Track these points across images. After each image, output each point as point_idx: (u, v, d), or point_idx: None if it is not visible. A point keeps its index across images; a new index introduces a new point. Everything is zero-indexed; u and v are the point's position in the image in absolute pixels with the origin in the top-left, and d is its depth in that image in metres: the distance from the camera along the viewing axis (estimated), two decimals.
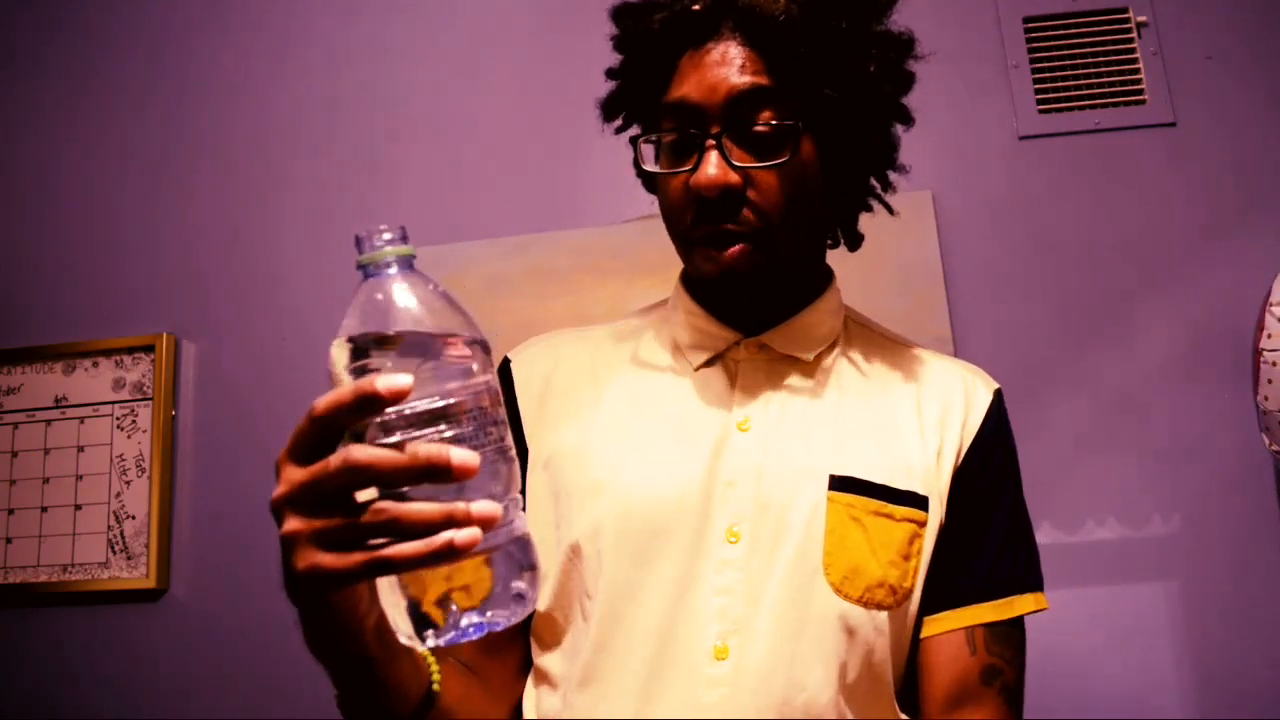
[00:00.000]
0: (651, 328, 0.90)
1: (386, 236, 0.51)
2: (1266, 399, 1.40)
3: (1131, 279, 1.60)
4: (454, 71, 1.81)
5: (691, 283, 0.87)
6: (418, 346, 0.50)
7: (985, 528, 0.81)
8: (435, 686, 0.69)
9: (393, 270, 0.51)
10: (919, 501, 0.78)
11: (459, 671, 0.76)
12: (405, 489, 0.49)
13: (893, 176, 0.88)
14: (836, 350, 0.86)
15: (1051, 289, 1.61)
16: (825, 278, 0.89)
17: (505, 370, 0.89)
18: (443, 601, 0.50)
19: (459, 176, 1.77)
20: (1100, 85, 1.67)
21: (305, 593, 0.54)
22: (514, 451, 0.53)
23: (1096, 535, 1.53)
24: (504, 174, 1.75)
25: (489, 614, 0.50)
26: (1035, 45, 1.69)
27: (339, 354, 0.51)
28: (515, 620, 0.51)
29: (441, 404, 0.49)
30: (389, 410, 0.48)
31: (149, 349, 1.75)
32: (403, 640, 0.52)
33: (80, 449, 1.74)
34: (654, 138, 0.80)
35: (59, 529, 1.72)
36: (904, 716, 0.78)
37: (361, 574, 0.49)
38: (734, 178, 0.74)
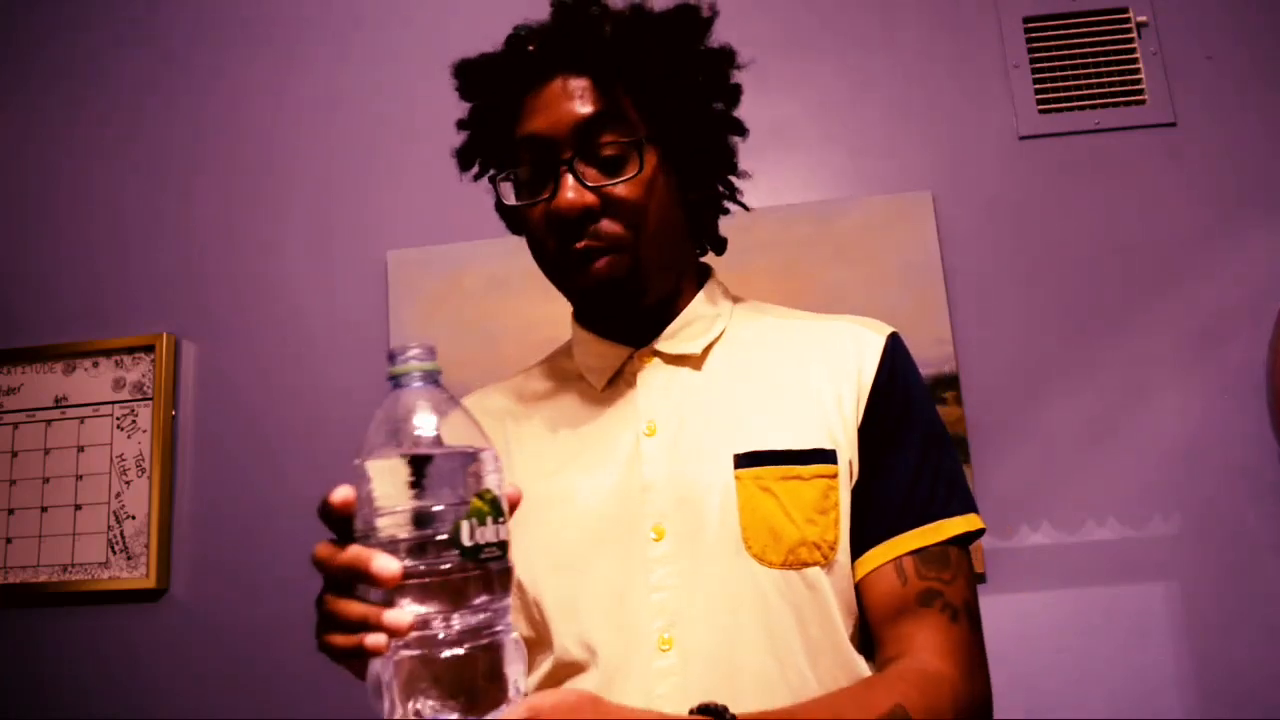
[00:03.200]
0: (558, 366, 0.96)
1: (414, 354, 0.58)
2: None
3: (1131, 279, 1.60)
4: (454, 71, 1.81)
5: (582, 314, 0.93)
6: (432, 471, 0.55)
7: (895, 464, 0.82)
8: None
9: (417, 384, 0.58)
10: (826, 456, 0.80)
11: None
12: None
13: (752, 182, 0.94)
14: (725, 338, 0.90)
15: (1051, 289, 1.61)
16: (700, 275, 0.93)
17: None
18: (412, 692, 0.55)
19: (459, 176, 1.77)
20: (1100, 85, 1.67)
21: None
22: (509, 564, 0.57)
23: (1096, 535, 1.53)
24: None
25: (454, 711, 0.54)
26: (1035, 45, 1.69)
27: (368, 468, 0.56)
28: (483, 716, 0.54)
29: (441, 519, 0.54)
30: (399, 515, 0.55)
31: (149, 349, 1.75)
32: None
33: (80, 449, 1.74)
34: (511, 174, 0.86)
35: (59, 529, 1.72)
36: (860, 658, 0.79)
37: (325, 652, 0.59)
38: (589, 198, 0.80)
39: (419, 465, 0.55)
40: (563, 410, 0.90)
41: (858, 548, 0.81)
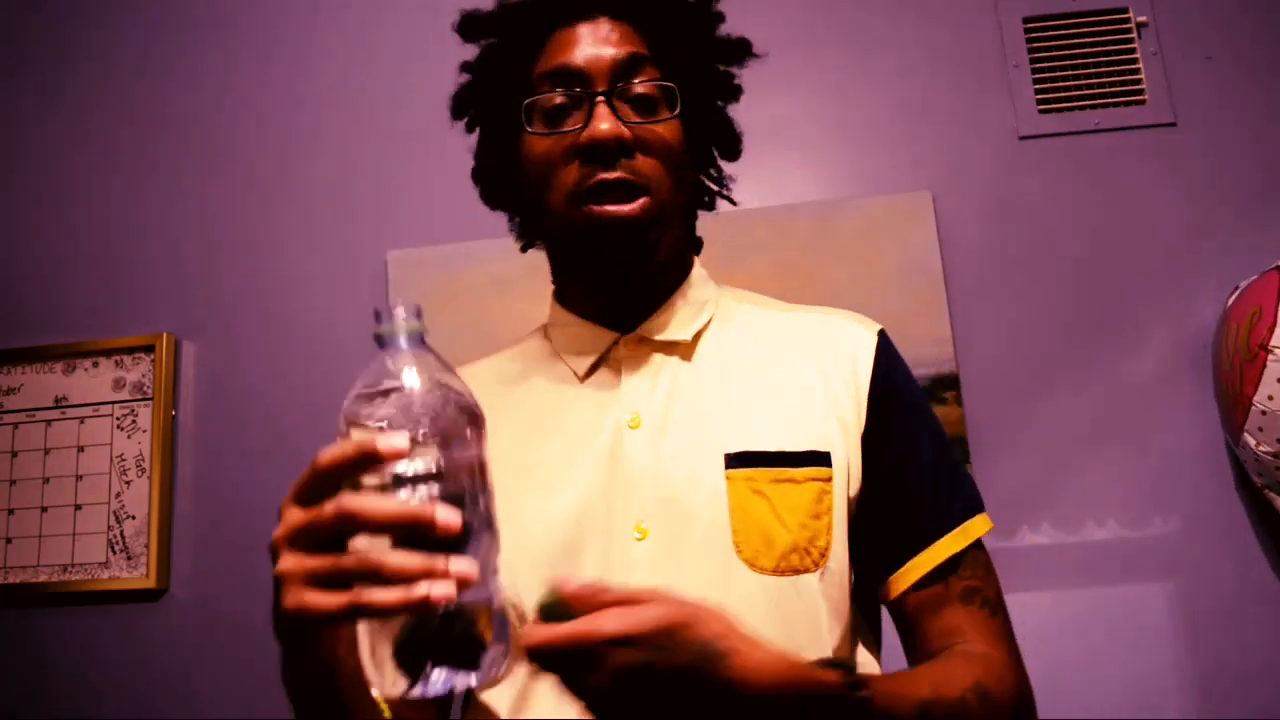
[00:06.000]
0: (533, 350, 0.91)
1: (400, 314, 0.58)
2: (1270, 398, 1.36)
3: (1131, 279, 1.60)
4: (454, 70, 1.81)
5: (565, 295, 0.90)
6: (418, 415, 0.55)
7: (917, 467, 0.82)
8: None
9: (403, 344, 0.57)
10: (820, 459, 0.79)
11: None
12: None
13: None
14: (714, 328, 0.87)
15: (1051, 289, 1.61)
16: (688, 262, 0.91)
17: None
18: (415, 656, 0.53)
19: (459, 176, 1.76)
20: (1100, 85, 1.67)
21: (290, 630, 0.56)
22: (498, 524, 0.57)
23: (1096, 535, 1.53)
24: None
25: (458, 674, 0.53)
26: (1035, 45, 1.69)
27: (348, 412, 0.57)
28: (482, 683, 0.54)
29: (433, 469, 0.54)
30: (385, 469, 0.53)
31: (149, 349, 1.75)
32: (373, 690, 0.54)
33: (80, 449, 1.74)
34: (530, 101, 0.82)
35: (59, 529, 1.72)
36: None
37: (342, 615, 0.52)
38: (625, 130, 0.79)
39: (426, 428, 0.54)
40: (540, 397, 0.86)
41: (893, 558, 0.80)
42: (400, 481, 0.53)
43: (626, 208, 0.78)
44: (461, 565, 0.51)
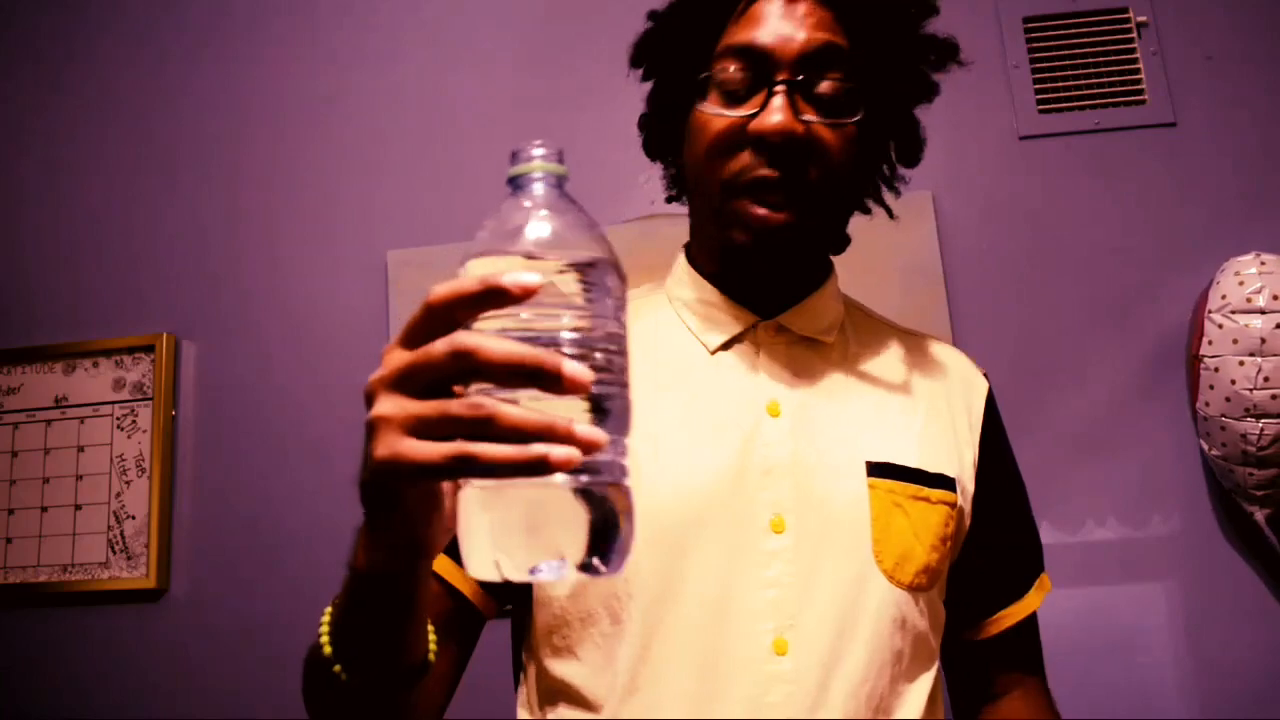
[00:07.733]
0: (655, 308, 0.85)
1: (539, 152, 0.49)
2: (1207, 404, 1.42)
3: (1131, 279, 1.60)
4: (455, 71, 1.81)
5: (700, 262, 0.84)
6: (550, 264, 0.46)
7: (1018, 516, 0.86)
8: (431, 657, 0.64)
9: (539, 187, 0.49)
10: (949, 483, 0.79)
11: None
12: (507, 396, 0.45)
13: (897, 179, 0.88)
14: (845, 332, 0.85)
15: (1051, 289, 1.61)
16: (827, 263, 0.88)
17: None
18: (521, 537, 0.46)
19: (460, 176, 1.77)
20: (1100, 85, 1.67)
21: (376, 488, 0.49)
22: (630, 392, 0.49)
23: (1096, 535, 1.53)
24: (504, 174, 1.75)
25: (567, 560, 0.45)
26: (1035, 45, 1.69)
27: (471, 266, 0.47)
28: (597, 574, 0.47)
29: (564, 323, 0.45)
30: (505, 319, 0.45)
31: (149, 349, 1.75)
32: (469, 569, 0.46)
33: (80, 449, 1.74)
34: (707, 75, 0.76)
35: (59, 529, 1.72)
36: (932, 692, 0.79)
37: (443, 468, 0.44)
38: (800, 127, 0.72)
39: (546, 269, 0.45)
40: (665, 360, 0.80)
41: (990, 602, 0.84)
42: (521, 335, 0.44)
43: (775, 215, 0.73)
44: (589, 431, 0.43)
